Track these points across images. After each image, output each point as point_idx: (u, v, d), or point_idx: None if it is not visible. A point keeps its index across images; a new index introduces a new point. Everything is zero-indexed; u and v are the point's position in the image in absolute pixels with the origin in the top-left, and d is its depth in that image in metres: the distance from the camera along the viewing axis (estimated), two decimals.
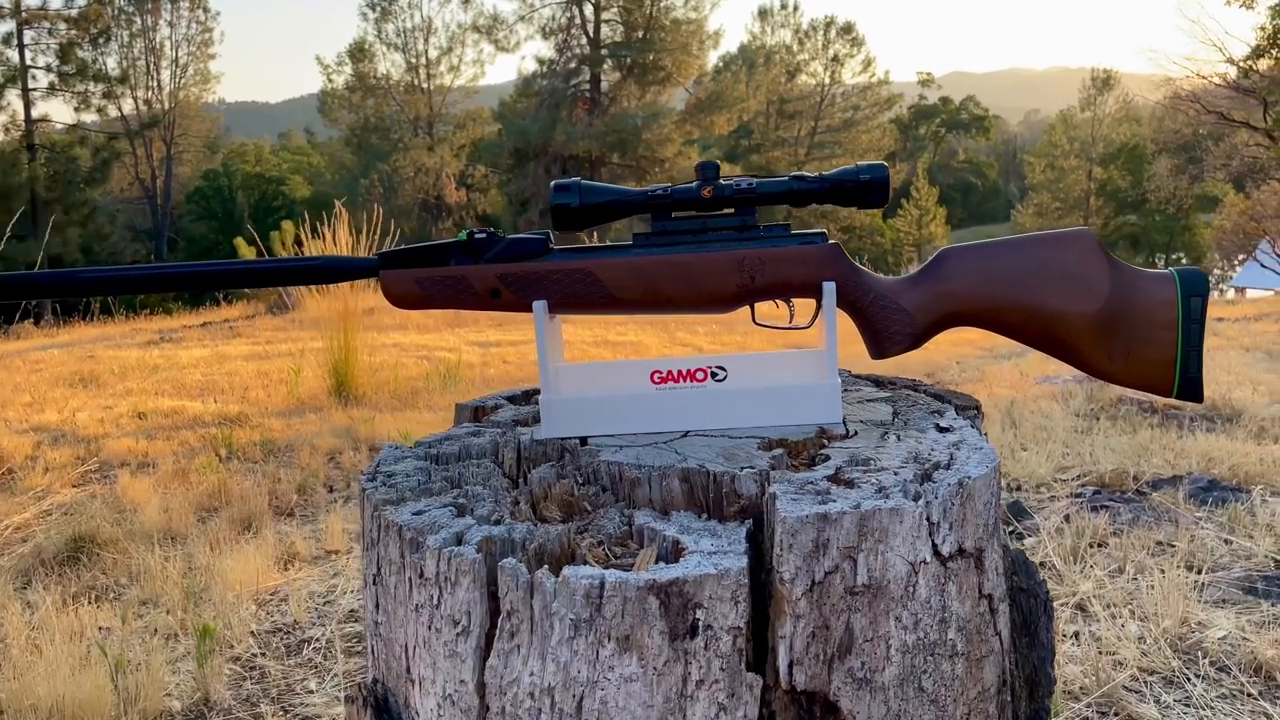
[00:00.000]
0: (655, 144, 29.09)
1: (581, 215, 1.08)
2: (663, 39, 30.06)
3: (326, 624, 2.50)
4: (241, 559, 2.87)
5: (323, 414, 5.21)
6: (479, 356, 7.10)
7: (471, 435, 1.17)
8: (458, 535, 0.90)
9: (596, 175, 30.34)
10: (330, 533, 3.19)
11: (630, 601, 0.81)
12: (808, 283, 1.07)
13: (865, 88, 36.36)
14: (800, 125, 35.76)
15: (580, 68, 31.84)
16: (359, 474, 3.92)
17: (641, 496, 0.99)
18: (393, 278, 1.11)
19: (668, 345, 7.92)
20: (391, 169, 33.81)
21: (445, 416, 5.04)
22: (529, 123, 30.35)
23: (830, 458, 0.98)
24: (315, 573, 2.92)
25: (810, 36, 36.47)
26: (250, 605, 2.63)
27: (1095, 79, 42.25)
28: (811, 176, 1.08)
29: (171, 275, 1.12)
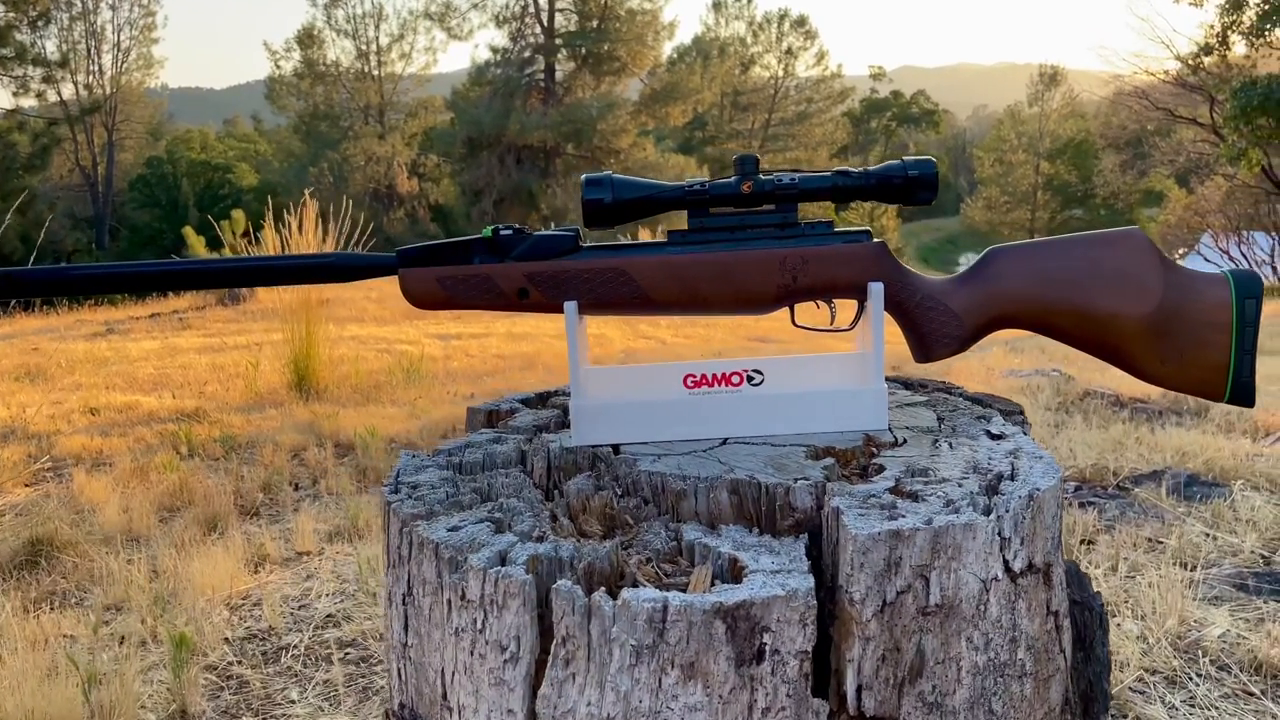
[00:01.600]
0: (610, 134, 28.95)
1: (615, 212, 1.03)
2: (617, 29, 29.91)
3: (303, 630, 2.41)
4: (210, 561, 2.77)
5: (283, 409, 5.09)
6: (440, 349, 6.99)
7: (494, 443, 1.11)
8: (501, 554, 0.84)
9: (551, 166, 30.16)
10: (300, 533, 3.09)
11: (696, 626, 0.76)
12: (853, 283, 1.03)
13: (818, 81, 36.53)
14: (754, 117, 35.82)
15: (534, 57, 31.59)
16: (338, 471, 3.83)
17: (687, 509, 0.94)
18: (413, 276, 1.05)
19: (630, 338, 7.87)
20: (341, 157, 33.32)
21: (409, 411, 4.95)
22: (483, 112, 30.05)
23: (885, 468, 0.94)
24: (287, 575, 2.83)
25: (764, 29, 36.55)
26: (222, 610, 2.53)
27: (1043, 75, 42.87)
28: (856, 172, 1.03)
29: (175, 272, 1.05)
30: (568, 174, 30.14)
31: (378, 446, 4.13)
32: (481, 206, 30.05)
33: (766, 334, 7.96)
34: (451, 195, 33.49)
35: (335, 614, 2.50)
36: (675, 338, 7.91)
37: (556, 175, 30.13)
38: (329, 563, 2.90)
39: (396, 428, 4.53)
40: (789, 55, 36.17)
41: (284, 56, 35.78)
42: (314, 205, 6.02)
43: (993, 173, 41.37)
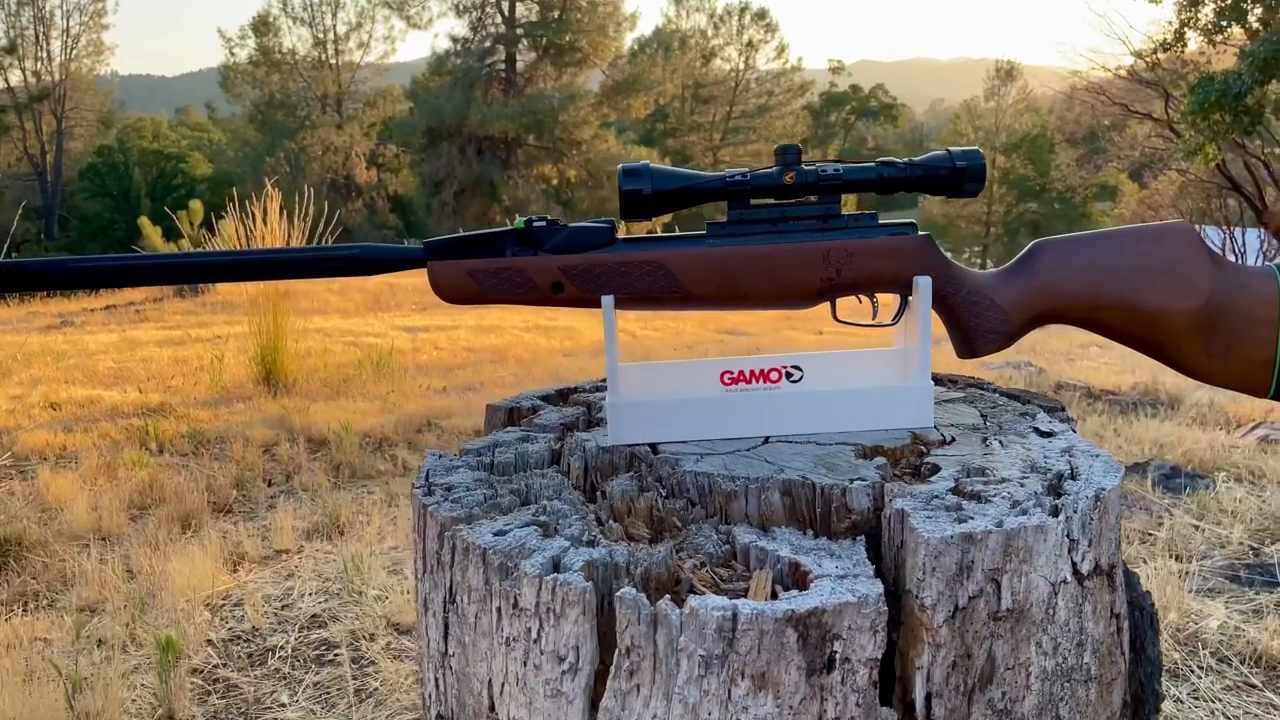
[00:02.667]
0: (572, 126, 28.80)
1: (653, 203, 0.99)
2: (579, 20, 29.75)
3: (289, 631, 2.36)
4: (187, 561, 2.70)
5: (251, 403, 4.99)
6: (408, 342, 6.91)
7: (523, 442, 1.08)
8: (554, 560, 0.80)
9: (513, 156, 29.96)
10: (278, 531, 3.03)
11: (768, 635, 0.73)
12: (897, 277, 1.00)
13: (779, 74, 36.60)
14: (715, 110, 35.82)
15: (495, 47, 31.33)
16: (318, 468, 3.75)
17: (737, 511, 0.91)
18: (443, 270, 1.01)
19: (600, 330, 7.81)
20: (298, 147, 32.87)
21: (381, 405, 4.88)
22: (443, 102, 29.76)
23: (940, 468, 0.91)
24: (267, 574, 2.77)
25: (725, 21, 36.55)
26: (203, 611, 2.47)
27: (999, 70, 43.27)
28: (900, 162, 1.01)
29: (188, 265, 1.00)
30: (529, 165, 29.98)
31: (351, 441, 4.06)
32: (442, 198, 29.78)
33: (735, 327, 7.95)
34: (411, 186, 33.18)
35: (320, 614, 2.45)
36: (644, 330, 7.89)
37: (518, 166, 29.94)
38: (309, 561, 2.85)
39: (369, 422, 4.46)
40: (750, 48, 36.21)
41: (239, 44, 35.23)
42: (278, 195, 5.92)
43: None
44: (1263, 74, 10.76)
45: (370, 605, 2.44)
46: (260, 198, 5.72)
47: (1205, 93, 11.06)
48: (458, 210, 29.36)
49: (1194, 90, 11.26)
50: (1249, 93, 10.99)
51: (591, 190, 29.53)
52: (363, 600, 2.48)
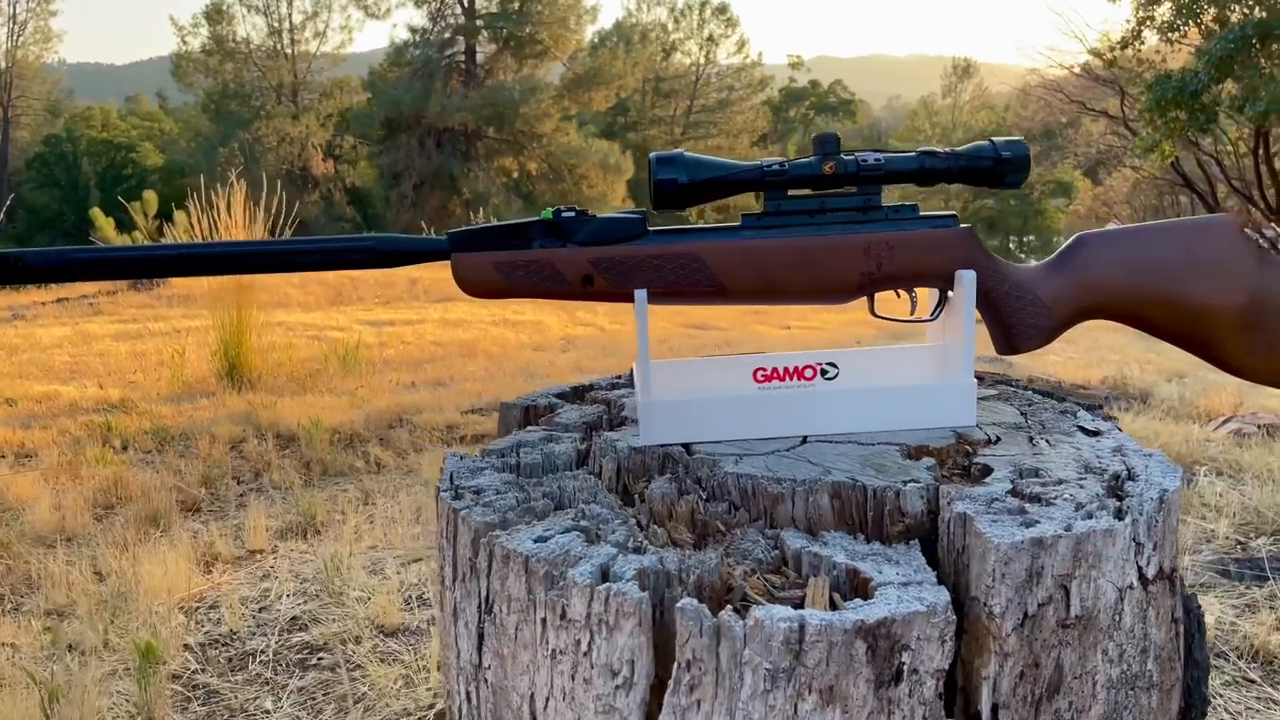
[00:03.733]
0: (533, 118, 28.59)
1: (689, 193, 0.96)
2: (539, 12, 29.54)
3: (268, 634, 2.29)
4: (158, 562, 2.61)
5: (215, 399, 4.88)
6: (374, 336, 6.80)
7: (548, 442, 1.03)
8: (603, 568, 0.76)
9: (473, 149, 29.71)
10: (251, 530, 2.95)
11: (837, 647, 0.70)
12: (939, 271, 0.97)
13: (739, 69, 36.65)
14: (676, 104, 35.79)
15: (455, 38, 31.02)
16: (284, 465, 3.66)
17: (783, 514, 0.88)
18: (468, 262, 0.96)
19: (568, 325, 7.77)
20: (253, 138, 32.33)
21: (350, 401, 4.79)
22: (402, 93, 29.42)
23: (992, 468, 0.88)
24: (241, 575, 2.69)
25: (685, 15, 36.52)
26: (177, 615, 2.39)
27: (956, 68, 43.74)
28: (942, 152, 0.97)
29: (196, 256, 0.95)
30: (490, 158, 29.73)
31: (321, 438, 3.98)
32: (401, 190, 29.46)
33: (704, 321, 7.94)
34: (369, 178, 32.79)
35: (300, 616, 2.38)
36: (613, 324, 7.84)
37: (478, 159, 29.69)
38: (285, 561, 2.77)
39: (339, 418, 4.37)
40: (710, 42, 36.22)
41: (191, 32, 34.53)
42: (242, 186, 5.81)
43: None
44: (1219, 72, 10.94)
45: (352, 607, 2.37)
46: (214, 189, 5.60)
47: (1163, 90, 11.22)
48: (417, 203, 29.05)
49: (1151, 88, 11.43)
50: (1205, 90, 11.17)
51: (553, 183, 29.39)
52: (344, 602, 2.42)
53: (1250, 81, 10.68)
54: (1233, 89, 11.29)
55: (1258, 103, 10.62)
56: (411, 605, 2.38)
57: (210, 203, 5.52)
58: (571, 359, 5.99)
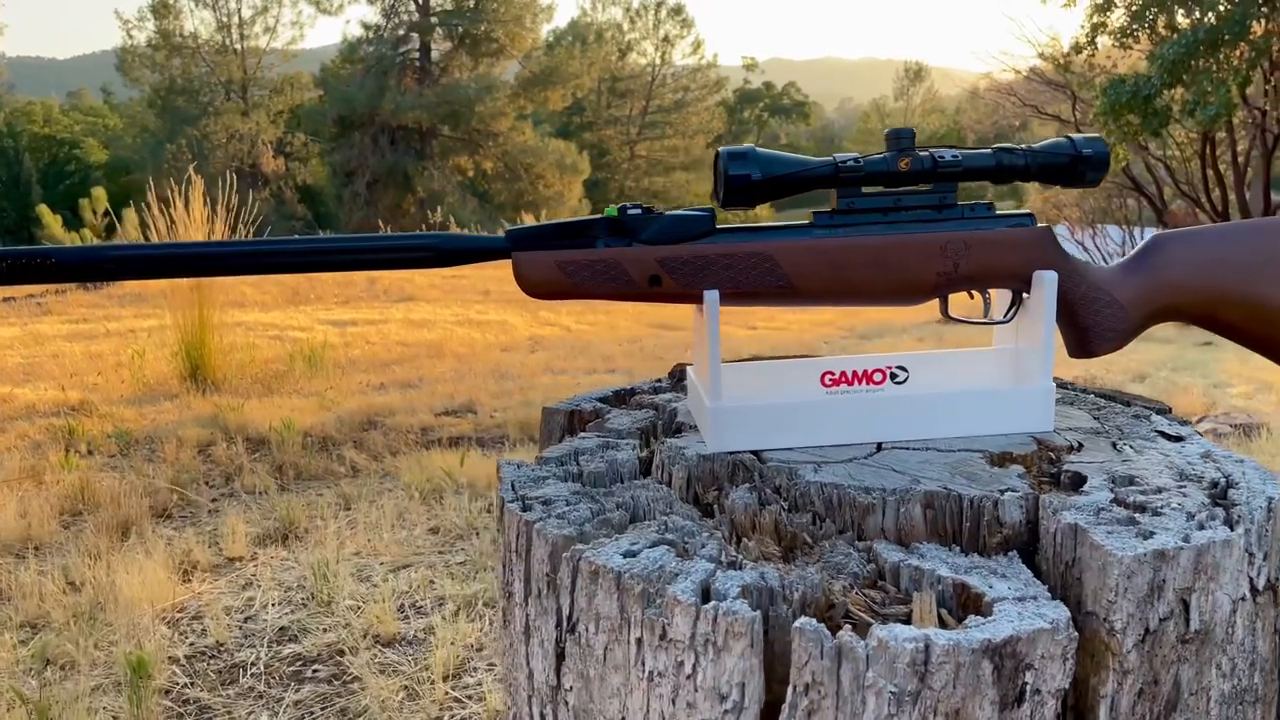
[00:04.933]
0: (489, 117, 28.39)
1: (762, 189, 0.92)
2: (495, 9, 29.33)
3: (256, 645, 2.21)
4: (134, 571, 2.53)
5: (179, 401, 4.76)
6: (338, 337, 6.68)
7: (606, 449, 0.99)
8: (703, 585, 0.72)
9: (427, 147, 29.43)
10: (229, 537, 2.86)
11: (964, 668, 0.66)
12: (1017, 272, 0.94)
13: (695, 69, 36.73)
14: (632, 104, 35.75)
15: (409, 35, 30.71)
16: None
17: (872, 526, 0.84)
18: (531, 261, 0.92)
19: (534, 325, 7.70)
20: (201, 134, 31.77)
21: (319, 403, 4.69)
22: (355, 90, 29.05)
23: (1085, 476, 0.85)
24: (222, 584, 2.61)
25: (641, 16, 36.52)
26: (159, 626, 2.31)
27: (908, 71, 44.27)
28: (1019, 149, 0.95)
29: (245, 254, 0.89)
30: (444, 156, 29.46)
31: (294, 441, 3.89)
32: (354, 188, 29.09)
33: (669, 321, 7.91)
34: (321, 176, 32.36)
35: (289, 627, 2.31)
36: (579, 324, 7.78)
37: (433, 157, 29.41)
38: (266, 569, 2.70)
39: (308, 420, 4.28)
40: (666, 43, 36.25)
41: (136, 26, 33.93)
42: (200, 183, 5.68)
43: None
44: (1171, 76, 11.14)
45: (344, 616, 2.31)
46: (166, 185, 5.48)
47: (1117, 94, 11.40)
48: (370, 201, 28.72)
49: (1106, 91, 11.61)
50: (1158, 95, 11.36)
51: (509, 183, 29.21)
52: (334, 611, 2.35)
53: (1201, 86, 10.89)
54: (1183, 94, 11.51)
55: (1208, 107, 10.82)
56: (406, 614, 2.31)
57: (168, 200, 5.39)
58: (541, 359, 5.93)
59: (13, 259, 0.87)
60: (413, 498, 3.19)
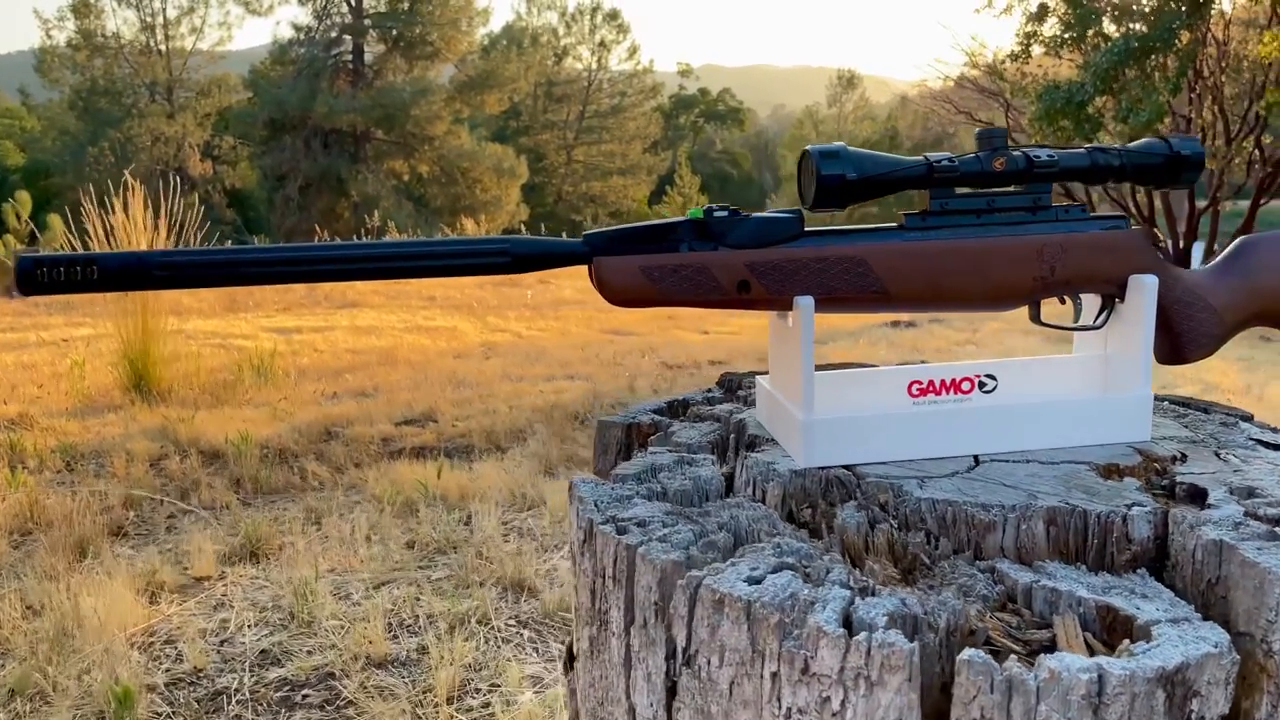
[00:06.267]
0: (424, 120, 28.04)
1: (855, 190, 0.87)
2: (430, 12, 29.00)
3: (238, 671, 2.11)
4: (98, 594, 2.40)
5: (124, 413, 4.57)
6: (284, 345, 6.50)
7: (684, 465, 0.93)
8: (844, 614, 0.67)
9: (361, 151, 28.99)
10: (195, 555, 2.74)
11: (1139, 698, 0.62)
12: (1113, 276, 0.91)
13: (631, 75, 36.75)
14: (569, 109, 35.63)
15: (342, 37, 30.22)
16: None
17: (991, 544, 0.80)
18: (614, 267, 0.86)
19: (484, 331, 7.58)
20: (124, 137, 30.86)
21: (272, 413, 4.55)
22: (286, 92, 28.50)
23: (1205, 488, 0.82)
24: (192, 605, 2.49)
25: (577, 21, 36.44)
26: (130, 652, 2.19)
27: (841, 78, 44.83)
28: (1113, 149, 0.91)
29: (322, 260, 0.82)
30: (379, 160, 29.04)
31: (251, 454, 3.75)
32: (286, 192, 28.52)
33: (623, 326, 7.86)
34: (251, 180, 31.66)
35: (270, 649, 2.21)
36: (530, 330, 7.69)
37: (367, 161, 28.96)
38: (237, 589, 2.58)
39: (264, 432, 4.14)
40: (602, 48, 36.22)
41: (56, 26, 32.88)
42: (140, 188, 5.49)
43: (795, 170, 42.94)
44: (1103, 84, 11.41)
45: (328, 636, 2.21)
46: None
47: (1051, 99, 11.66)
48: (303, 205, 28.17)
49: (1041, 97, 11.86)
50: (1090, 101, 11.64)
51: (445, 187, 28.87)
52: (316, 631, 2.25)
53: (1133, 93, 11.18)
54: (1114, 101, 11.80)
55: (1140, 114, 11.11)
56: (395, 633, 2.23)
57: (106, 204, 5.19)
58: (497, 366, 5.84)
59: (50, 264, 0.79)
60: (384, 511, 3.09)
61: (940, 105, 19.15)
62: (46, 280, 0.79)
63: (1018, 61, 13.03)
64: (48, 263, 0.79)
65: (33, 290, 0.80)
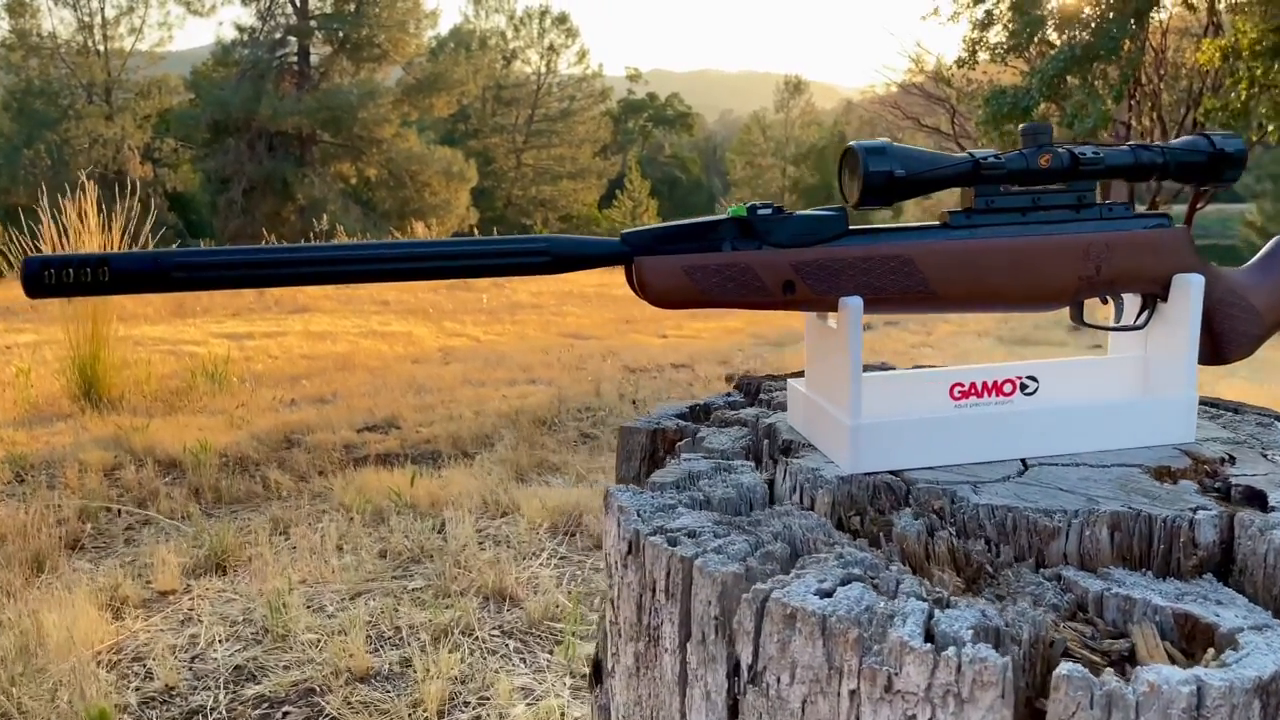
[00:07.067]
0: (372, 123, 27.70)
1: (902, 187, 0.85)
2: (377, 14, 28.68)
3: (212, 688, 2.04)
4: (59, 609, 2.31)
5: (74, 422, 4.43)
6: (237, 351, 6.36)
7: (723, 471, 0.90)
8: (925, 628, 0.64)
9: (307, 153, 28.58)
10: (159, 568, 2.65)
11: (1238, 710, 0.60)
12: (1156, 275, 0.90)
13: (580, 79, 36.69)
14: (518, 112, 35.45)
15: (286, 38, 29.77)
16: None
17: (1054, 551, 0.78)
18: (656, 267, 0.82)
19: (440, 336, 7.48)
20: (61, 139, 30.10)
21: (228, 421, 4.43)
22: (229, 94, 27.98)
23: (1264, 491, 0.81)
24: (158, 620, 2.40)
25: (525, 24, 36.29)
26: (97, 670, 2.10)
27: (788, 84, 45.18)
28: (1155, 146, 0.90)
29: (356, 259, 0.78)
30: (326, 163, 28.64)
31: (210, 463, 3.65)
32: (229, 195, 28.01)
33: (580, 329, 7.82)
34: (193, 183, 31.03)
35: (244, 665, 2.14)
36: (487, 335, 7.61)
37: (313, 164, 28.55)
38: (204, 602, 2.50)
39: (222, 440, 4.03)
40: (551, 52, 36.11)
41: None
42: (93, 189, 5.35)
43: (744, 175, 43.22)
44: (1049, 90, 11.62)
45: (304, 650, 2.14)
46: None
47: (999, 105, 11.84)
48: (247, 209, 27.68)
49: (988, 102, 12.04)
50: (1036, 107, 11.85)
51: (393, 190, 28.56)
52: (291, 646, 2.18)
53: (1078, 99, 11.39)
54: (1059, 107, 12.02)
55: (1085, 119, 11.32)
56: (375, 645, 2.16)
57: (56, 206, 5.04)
58: (457, 371, 5.76)
59: (59, 266, 0.73)
60: (353, 520, 3.02)
61: (887, 110, 19.38)
62: (54, 283, 0.74)
63: (964, 67, 13.24)
64: (56, 264, 0.74)
65: (40, 293, 0.74)
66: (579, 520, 2.88)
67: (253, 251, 0.77)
